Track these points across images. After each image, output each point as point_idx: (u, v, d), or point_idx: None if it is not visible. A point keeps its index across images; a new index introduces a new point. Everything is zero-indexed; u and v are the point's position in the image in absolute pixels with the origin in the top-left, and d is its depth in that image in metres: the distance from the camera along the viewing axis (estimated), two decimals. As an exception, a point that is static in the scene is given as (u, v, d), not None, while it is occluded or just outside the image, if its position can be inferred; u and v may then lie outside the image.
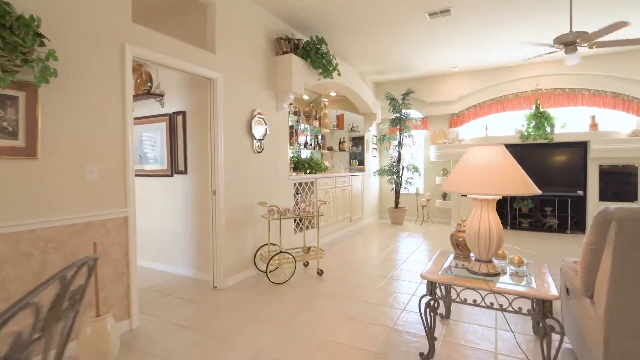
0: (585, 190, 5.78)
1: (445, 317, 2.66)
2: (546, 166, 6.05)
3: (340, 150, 6.78)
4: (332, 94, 6.66)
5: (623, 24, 3.05)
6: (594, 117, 5.86)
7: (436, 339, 2.22)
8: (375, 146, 7.59)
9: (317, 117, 6.04)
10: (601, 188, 5.63)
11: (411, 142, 6.92)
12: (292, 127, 5.15)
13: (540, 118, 5.92)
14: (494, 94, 6.56)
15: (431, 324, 2.09)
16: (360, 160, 7.14)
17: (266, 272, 3.45)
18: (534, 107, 6.07)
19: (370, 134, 7.31)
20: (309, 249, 3.89)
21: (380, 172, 7.15)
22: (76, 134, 2.23)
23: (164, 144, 3.86)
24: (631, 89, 5.53)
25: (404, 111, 6.82)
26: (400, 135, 6.89)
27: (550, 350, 1.76)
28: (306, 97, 6.32)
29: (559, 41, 3.44)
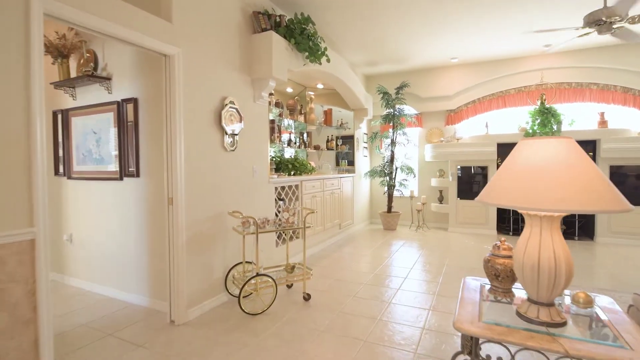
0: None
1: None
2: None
3: (328, 149, 6.10)
4: (319, 86, 5.98)
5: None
6: (603, 114, 5.40)
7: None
8: (366, 145, 6.95)
9: (303, 112, 5.35)
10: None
11: (405, 141, 6.31)
12: (274, 121, 4.44)
13: (547, 114, 5.42)
14: (495, 88, 6.04)
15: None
16: (350, 161, 6.49)
17: (239, 301, 2.74)
18: (539, 102, 5.57)
19: (361, 131, 6.67)
20: (293, 267, 3.21)
21: (372, 173, 6.52)
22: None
23: (110, 138, 3.10)
24: (644, 83, 5.11)
25: (398, 107, 6.21)
26: (393, 132, 6.28)
27: None
28: (290, 89, 5.62)
29: (592, 19, 2.87)
